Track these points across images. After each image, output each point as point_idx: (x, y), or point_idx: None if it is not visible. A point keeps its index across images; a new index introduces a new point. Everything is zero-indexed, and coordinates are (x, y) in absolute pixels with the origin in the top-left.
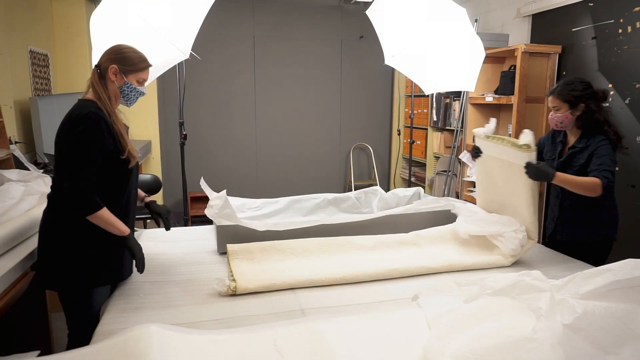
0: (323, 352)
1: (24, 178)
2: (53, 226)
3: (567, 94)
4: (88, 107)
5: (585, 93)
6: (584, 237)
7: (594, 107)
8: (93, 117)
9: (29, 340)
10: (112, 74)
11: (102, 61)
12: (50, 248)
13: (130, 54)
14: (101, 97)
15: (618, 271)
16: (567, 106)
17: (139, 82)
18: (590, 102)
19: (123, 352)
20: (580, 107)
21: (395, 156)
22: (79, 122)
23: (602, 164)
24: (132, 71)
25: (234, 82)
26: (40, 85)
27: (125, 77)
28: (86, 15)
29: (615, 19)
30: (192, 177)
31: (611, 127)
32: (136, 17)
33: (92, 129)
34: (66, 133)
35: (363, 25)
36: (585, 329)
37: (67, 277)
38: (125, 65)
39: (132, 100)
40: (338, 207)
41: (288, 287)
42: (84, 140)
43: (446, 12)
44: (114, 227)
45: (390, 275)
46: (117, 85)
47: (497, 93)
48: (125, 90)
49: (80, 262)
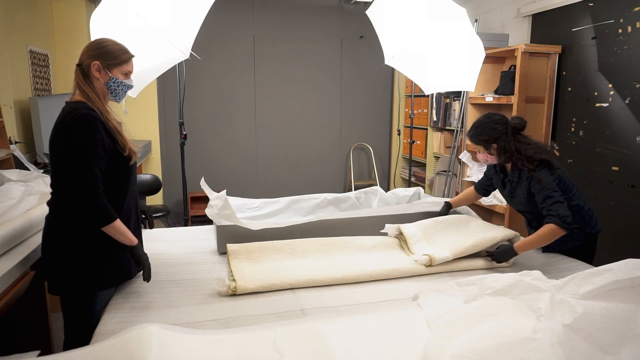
0: (323, 352)
1: (24, 178)
2: (56, 233)
3: (476, 139)
4: (79, 108)
5: (490, 137)
6: (568, 244)
7: (504, 144)
8: (87, 118)
9: (29, 340)
10: (95, 70)
11: (83, 59)
12: (54, 254)
13: (110, 47)
14: (90, 96)
15: (618, 271)
16: (482, 148)
17: (124, 75)
18: (499, 140)
19: (123, 352)
20: (493, 147)
21: (395, 156)
22: (73, 126)
23: (545, 199)
24: (116, 65)
25: (234, 82)
26: (40, 85)
27: (109, 72)
28: (86, 15)
29: (615, 19)
30: (192, 177)
31: (533, 156)
32: (136, 17)
33: (90, 130)
34: (62, 140)
35: (363, 25)
36: (585, 329)
37: (72, 282)
38: (107, 59)
39: (121, 95)
40: (338, 207)
41: (288, 287)
42: (83, 144)
43: (446, 12)
44: (124, 237)
45: (390, 276)
46: (103, 81)
47: (497, 93)
48: (112, 85)
49: (85, 266)
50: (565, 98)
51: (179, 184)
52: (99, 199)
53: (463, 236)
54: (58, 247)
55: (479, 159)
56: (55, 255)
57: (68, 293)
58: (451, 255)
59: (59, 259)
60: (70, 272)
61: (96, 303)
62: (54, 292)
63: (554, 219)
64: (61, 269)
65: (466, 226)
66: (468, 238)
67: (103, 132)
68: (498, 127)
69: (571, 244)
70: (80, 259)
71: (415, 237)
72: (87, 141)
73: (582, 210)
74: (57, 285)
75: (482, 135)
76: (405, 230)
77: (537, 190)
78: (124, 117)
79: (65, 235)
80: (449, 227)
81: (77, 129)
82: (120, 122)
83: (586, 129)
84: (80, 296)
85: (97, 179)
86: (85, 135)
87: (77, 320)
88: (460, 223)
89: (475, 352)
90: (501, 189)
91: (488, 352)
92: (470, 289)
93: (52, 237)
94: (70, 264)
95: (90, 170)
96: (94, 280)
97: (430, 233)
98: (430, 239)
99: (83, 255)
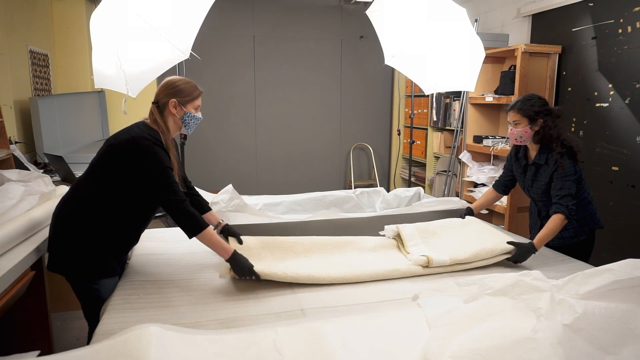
0: (323, 352)
1: (24, 178)
2: (70, 217)
3: (527, 109)
4: (153, 136)
5: (543, 109)
6: (574, 239)
7: (550, 123)
8: (158, 148)
9: (29, 340)
10: (172, 107)
11: (160, 97)
12: (63, 236)
13: (184, 86)
14: (164, 131)
15: (618, 271)
16: (527, 121)
17: (195, 109)
18: (547, 118)
19: (123, 352)
20: (538, 123)
21: (395, 156)
22: (150, 149)
23: (561, 188)
24: (189, 101)
25: (234, 82)
26: (40, 85)
27: (184, 107)
28: (86, 15)
29: (615, 19)
30: (192, 177)
31: (566, 142)
32: (136, 17)
33: (163, 156)
34: (140, 152)
35: (363, 25)
36: (585, 329)
37: (77, 266)
38: (183, 96)
39: (192, 127)
40: (341, 207)
41: (289, 280)
42: (165, 164)
43: (446, 12)
44: (219, 247)
45: (390, 276)
46: (178, 116)
47: (497, 93)
48: (187, 119)
49: (92, 252)
50: (565, 98)
51: None
52: (187, 208)
53: (461, 243)
54: (67, 231)
55: (512, 134)
56: (64, 237)
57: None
58: (449, 260)
59: (66, 241)
60: (74, 255)
61: (102, 285)
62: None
63: (562, 209)
64: (66, 250)
65: (465, 231)
66: (467, 246)
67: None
68: (546, 106)
69: (576, 239)
70: (87, 246)
71: (413, 240)
72: (166, 164)
73: (590, 205)
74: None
75: (535, 107)
76: (403, 231)
77: (557, 176)
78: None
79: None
80: (448, 230)
81: (153, 151)
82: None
83: (586, 129)
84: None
85: (179, 191)
86: (160, 158)
87: (85, 301)
88: (459, 227)
89: (475, 352)
90: (521, 176)
91: (488, 352)
92: (470, 289)
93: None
94: (76, 248)
95: (172, 180)
96: (98, 267)
97: (427, 237)
98: (428, 242)
99: (90, 243)
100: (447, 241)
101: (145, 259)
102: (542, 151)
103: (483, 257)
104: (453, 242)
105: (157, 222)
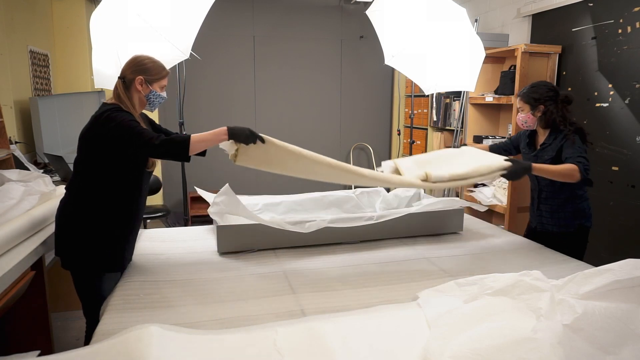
0: (323, 352)
1: (24, 178)
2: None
3: (527, 96)
4: (116, 108)
5: (544, 96)
6: (562, 228)
7: (552, 109)
8: (116, 112)
9: (29, 340)
10: (138, 84)
11: (126, 73)
12: (68, 233)
13: (150, 64)
14: (127, 104)
15: (618, 271)
16: (529, 107)
17: (161, 89)
18: (549, 104)
19: (123, 352)
20: (540, 109)
21: (395, 156)
22: (116, 111)
23: (574, 151)
24: (156, 80)
25: (234, 82)
26: (40, 85)
27: (150, 86)
28: (86, 15)
29: (615, 19)
30: (192, 177)
31: (572, 125)
32: (136, 17)
33: (129, 117)
34: (103, 124)
35: (363, 25)
36: (585, 329)
37: (82, 260)
38: (150, 75)
39: (156, 106)
40: (341, 207)
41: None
42: (126, 119)
43: (446, 12)
44: (213, 136)
45: (390, 181)
46: (144, 94)
47: (497, 93)
48: (151, 97)
49: (95, 247)
50: None
51: (179, 183)
52: (158, 140)
53: (459, 166)
54: (72, 228)
55: (519, 120)
56: (69, 235)
57: (78, 270)
58: (448, 176)
59: (72, 239)
60: (81, 251)
61: (104, 281)
62: (67, 268)
63: (578, 163)
64: (74, 247)
65: (461, 157)
66: (464, 166)
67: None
68: (550, 92)
69: (564, 229)
70: (91, 240)
71: (410, 172)
72: (129, 119)
73: (585, 202)
74: (69, 261)
75: (534, 94)
76: (401, 165)
77: (567, 145)
78: None
79: (80, 218)
80: (446, 158)
81: (117, 116)
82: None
83: (586, 129)
84: (89, 274)
85: (148, 131)
86: (125, 117)
87: (87, 298)
88: (456, 154)
89: (475, 352)
90: (527, 150)
91: (488, 352)
92: (470, 289)
93: (67, 218)
94: (82, 244)
95: (140, 128)
96: (102, 261)
97: (425, 167)
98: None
99: (94, 237)
100: (444, 168)
101: (145, 259)
102: (553, 132)
103: (481, 172)
104: (452, 165)
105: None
